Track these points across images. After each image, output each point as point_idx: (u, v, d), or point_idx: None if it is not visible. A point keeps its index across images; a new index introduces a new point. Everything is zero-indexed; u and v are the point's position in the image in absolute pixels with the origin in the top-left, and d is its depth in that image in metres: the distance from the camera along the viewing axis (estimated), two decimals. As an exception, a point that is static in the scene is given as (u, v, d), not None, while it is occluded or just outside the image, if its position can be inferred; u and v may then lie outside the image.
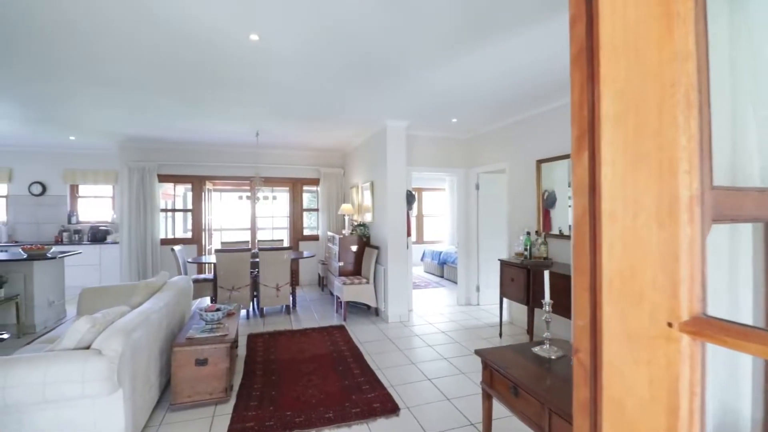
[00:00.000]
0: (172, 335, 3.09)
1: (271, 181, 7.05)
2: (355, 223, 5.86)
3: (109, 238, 6.93)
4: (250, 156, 6.83)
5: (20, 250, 4.71)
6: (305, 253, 5.94)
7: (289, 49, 2.77)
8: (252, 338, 4.21)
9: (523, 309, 4.41)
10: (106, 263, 6.75)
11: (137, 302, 3.13)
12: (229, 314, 3.44)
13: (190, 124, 5.05)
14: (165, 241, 6.64)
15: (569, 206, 3.99)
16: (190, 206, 6.98)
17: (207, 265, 6.30)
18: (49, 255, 4.76)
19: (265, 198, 5.89)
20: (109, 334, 2.10)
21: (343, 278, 5.10)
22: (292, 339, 4.18)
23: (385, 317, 4.89)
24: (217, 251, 4.96)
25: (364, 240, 5.45)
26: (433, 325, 4.72)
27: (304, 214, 7.48)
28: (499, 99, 3.93)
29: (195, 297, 5.13)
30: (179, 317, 3.41)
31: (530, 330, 4.22)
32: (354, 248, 5.42)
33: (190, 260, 5.38)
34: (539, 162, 4.23)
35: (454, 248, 7.68)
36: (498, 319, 4.69)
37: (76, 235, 6.99)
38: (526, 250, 3.87)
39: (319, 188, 7.40)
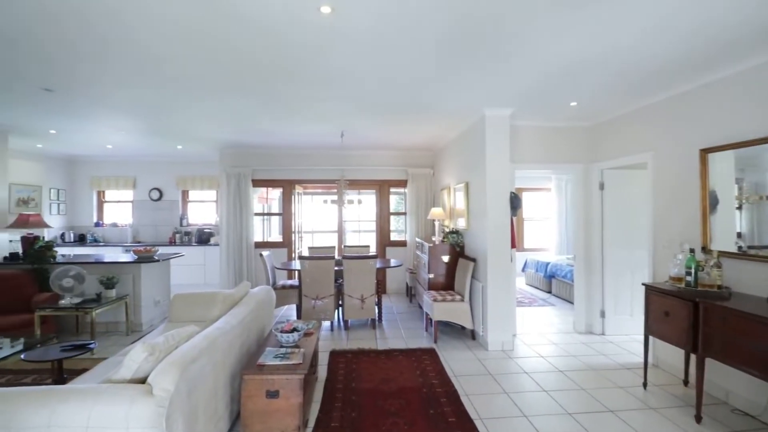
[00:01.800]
0: (247, 354, 2.81)
1: (356, 184, 6.75)
2: (447, 230, 5.19)
3: (212, 240, 7.36)
4: (336, 158, 6.62)
5: (132, 252, 5.08)
6: (392, 262, 5.46)
7: (367, 21, 2.25)
8: (334, 357, 3.84)
9: (674, 350, 3.28)
10: (210, 263, 7.17)
11: (215, 315, 2.94)
12: (308, 334, 3.08)
13: (277, 127, 4.93)
14: (259, 244, 6.79)
15: (738, 209, 2.83)
16: (276, 210, 7.03)
17: (295, 271, 6.24)
18: (156, 257, 5.06)
19: (350, 202, 5.57)
20: (164, 367, 1.80)
21: (433, 293, 4.48)
22: (376, 362, 3.70)
23: (484, 343, 4.13)
24: (301, 258, 4.74)
25: (458, 249, 4.75)
26: (546, 359, 3.82)
27: (391, 217, 7.04)
28: (644, 68, 2.92)
29: (281, 304, 5.00)
30: (258, 332, 3.16)
31: (687, 380, 3.12)
32: (446, 259, 4.76)
33: (278, 266, 5.28)
34: (705, 151, 3.08)
35: (567, 259, 6.51)
36: (637, 359, 3.63)
37: (186, 237, 7.58)
38: (689, 273, 2.79)
39: (406, 190, 6.89)
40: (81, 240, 7.37)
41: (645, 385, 3.15)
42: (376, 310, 4.94)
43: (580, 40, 2.48)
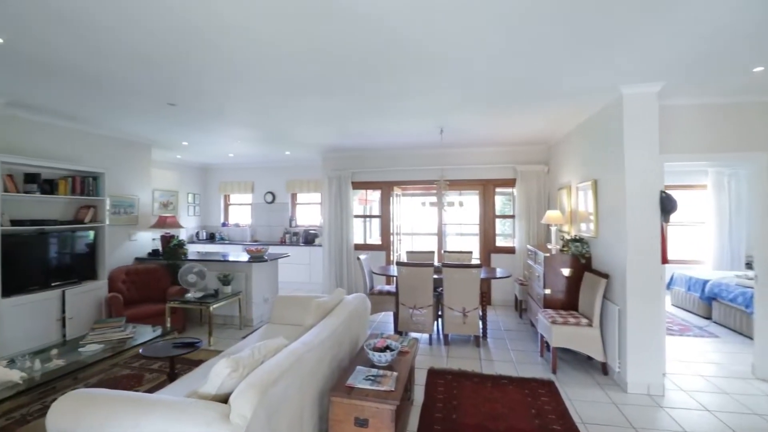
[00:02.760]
0: (339, 369, 2.61)
1: (457, 184, 6.25)
2: (567, 237, 4.37)
3: (317, 241, 7.64)
4: (435, 158, 6.22)
5: (245, 252, 5.45)
6: (498, 272, 4.84)
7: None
8: (432, 376, 3.46)
9: None
10: (315, 263, 7.45)
11: (309, 324, 2.81)
12: (403, 353, 2.76)
13: (375, 127, 4.75)
14: (358, 246, 6.78)
15: None
16: (376, 212, 6.92)
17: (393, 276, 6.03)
18: (266, 257, 5.34)
19: (450, 204, 5.12)
20: (243, 388, 1.65)
21: (550, 313, 3.77)
22: (481, 389, 3.21)
23: (621, 382, 3.29)
24: (398, 264, 4.47)
25: (582, 262, 3.93)
26: (714, 414, 2.84)
27: (497, 221, 6.36)
28: None
29: (378, 310, 4.82)
30: (351, 344, 2.95)
31: None
32: (566, 272, 3.98)
33: (375, 271, 5.12)
34: None
35: (736, 277, 5.02)
36: None
37: (294, 237, 8.01)
38: None
39: (515, 190, 6.14)
40: (211, 238, 8.36)
41: None
42: (480, 326, 4.41)
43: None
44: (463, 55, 2.65)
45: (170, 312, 4.53)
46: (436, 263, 4.89)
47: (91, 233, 4.59)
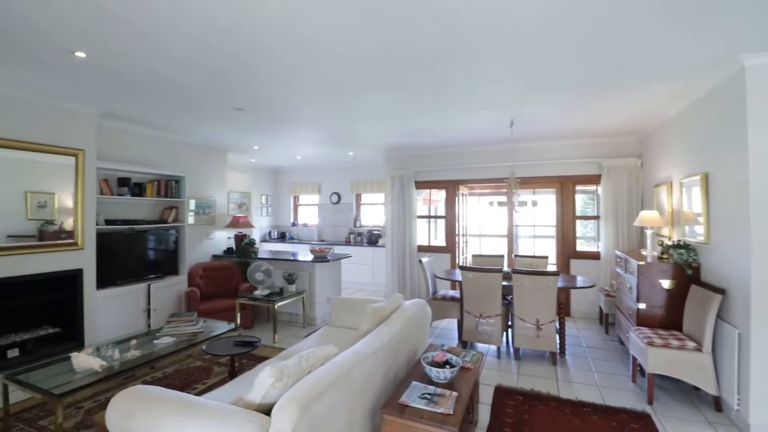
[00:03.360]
0: (393, 382, 2.42)
1: (530, 182, 5.72)
2: (668, 243, 3.69)
3: (380, 242, 7.58)
4: (504, 153, 5.75)
5: (310, 251, 5.54)
6: (579, 281, 4.28)
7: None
8: (500, 395, 3.12)
9: None
10: (378, 264, 7.39)
11: (363, 330, 2.68)
12: (465, 369, 2.49)
13: (438, 123, 4.49)
14: (422, 248, 6.56)
15: None
16: (441, 212, 6.62)
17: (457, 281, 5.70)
18: (329, 258, 5.37)
19: (522, 203, 4.66)
20: (284, 402, 1.53)
21: (645, 332, 3.19)
22: (557, 416, 2.80)
23: (741, 423, 2.64)
24: (462, 268, 4.16)
25: (688, 273, 3.27)
26: None
27: (577, 222, 5.69)
28: None
29: (441, 317, 4.56)
30: (408, 354, 2.74)
31: None
32: (666, 284, 3.35)
33: (438, 275, 4.85)
34: None
35: None
36: None
37: (358, 237, 8.04)
38: None
39: (599, 188, 5.43)
40: (282, 237, 8.74)
41: None
42: (557, 341, 3.92)
43: None
44: (540, 32, 2.30)
45: (240, 308, 4.74)
46: (505, 268, 4.48)
47: (174, 232, 4.98)
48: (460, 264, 6.28)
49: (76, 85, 3.16)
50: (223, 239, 5.97)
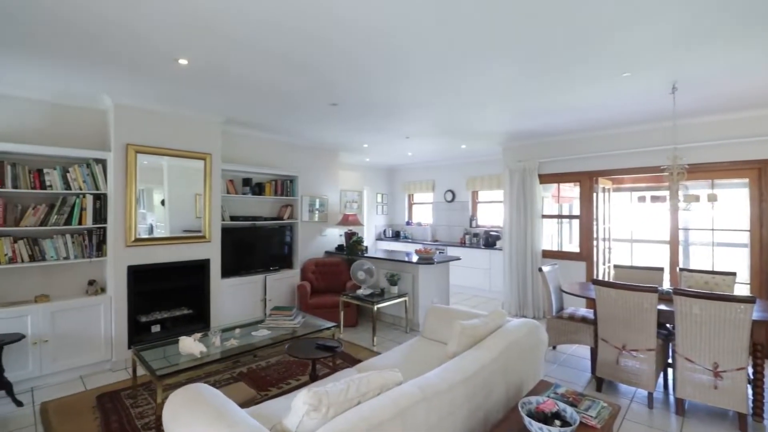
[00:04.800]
0: (483, 424, 1.88)
1: (704, 170, 4.21)
2: None
3: (498, 244, 6.79)
4: (663, 133, 4.36)
5: (414, 252, 5.20)
6: (794, 312, 2.87)
7: None
8: (647, 465, 2.22)
9: None
10: (495, 269, 6.63)
11: (451, 352, 2.21)
12: (588, 427, 1.77)
13: (567, 96, 3.60)
14: (548, 254, 5.56)
15: None
16: (575, 212, 5.48)
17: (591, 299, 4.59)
18: (434, 259, 4.95)
19: (692, 199, 3.36)
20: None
21: None
22: None
23: None
24: (597, 283, 3.22)
25: None
26: None
27: (790, 226, 3.93)
28: None
29: (566, 341, 3.69)
30: (508, 390, 2.13)
31: None
32: None
33: (565, 288, 3.94)
34: None
35: None
36: None
37: (474, 238, 7.38)
38: None
39: (834, 176, 3.63)
40: (396, 236, 8.67)
41: None
42: (750, 397, 2.68)
43: None
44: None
45: (343, 305, 4.71)
46: (664, 286, 3.34)
47: (289, 228, 5.27)
48: (596, 278, 5.10)
49: (187, 92, 3.43)
50: (335, 236, 6.12)
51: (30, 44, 2.45)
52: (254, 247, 4.92)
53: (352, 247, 5.58)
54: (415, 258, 4.99)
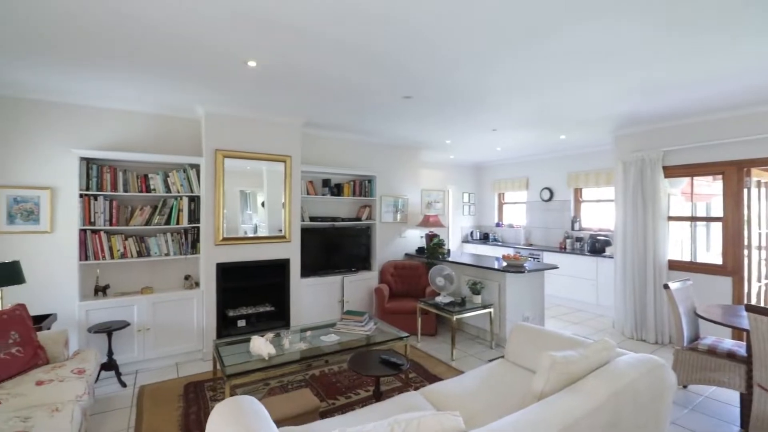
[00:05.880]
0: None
1: None
2: None
3: (607, 251, 5.78)
4: None
5: (501, 257, 4.65)
6: None
7: None
8: None
9: None
10: (605, 280, 5.66)
11: (537, 392, 1.77)
12: None
13: (707, 61, 2.77)
14: (676, 265, 4.49)
15: None
16: (716, 212, 4.32)
17: (743, 330, 3.48)
18: (525, 267, 4.37)
19: None
20: None
21: None
22: None
23: None
24: (750, 310, 2.39)
25: None
26: None
27: None
28: None
29: (703, 381, 2.85)
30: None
31: None
32: None
33: (700, 312, 3.06)
34: None
35: None
36: None
37: (578, 243, 6.43)
38: None
39: None
40: (485, 239, 8.05)
41: None
42: None
43: None
44: None
45: (421, 312, 4.42)
46: None
47: (367, 229, 5.17)
48: (748, 299, 3.94)
49: (261, 95, 3.47)
50: (415, 238, 5.86)
51: (135, 62, 2.70)
52: (333, 247, 4.92)
53: (433, 249, 5.25)
54: (501, 264, 4.45)
